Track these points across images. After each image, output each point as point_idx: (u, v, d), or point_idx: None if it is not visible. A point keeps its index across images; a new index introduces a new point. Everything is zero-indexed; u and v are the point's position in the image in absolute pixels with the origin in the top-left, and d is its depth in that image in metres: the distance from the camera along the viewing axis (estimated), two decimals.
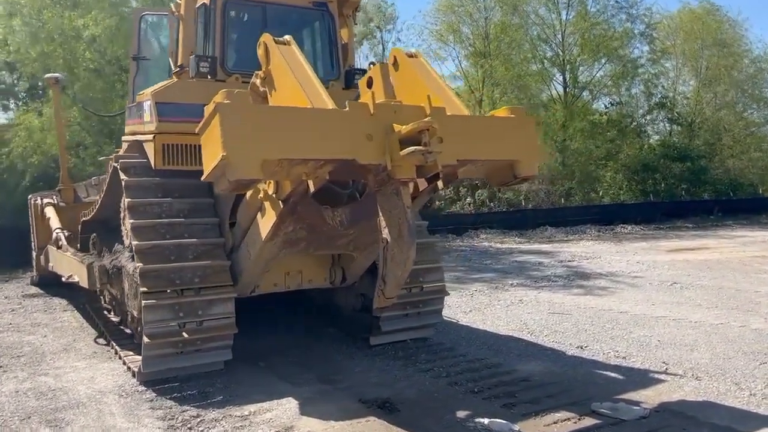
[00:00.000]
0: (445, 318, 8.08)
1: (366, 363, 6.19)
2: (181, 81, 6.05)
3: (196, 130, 4.02)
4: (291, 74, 4.65)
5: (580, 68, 28.93)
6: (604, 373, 5.79)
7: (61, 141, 10.37)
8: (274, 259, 5.64)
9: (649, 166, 28.79)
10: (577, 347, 6.65)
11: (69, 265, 7.80)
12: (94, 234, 7.72)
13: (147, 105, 6.00)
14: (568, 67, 28.88)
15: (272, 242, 5.31)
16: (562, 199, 25.32)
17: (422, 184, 5.15)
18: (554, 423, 4.61)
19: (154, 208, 5.86)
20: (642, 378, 5.59)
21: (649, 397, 5.07)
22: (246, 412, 4.91)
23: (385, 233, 4.37)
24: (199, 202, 6.05)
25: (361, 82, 5.45)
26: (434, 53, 27.25)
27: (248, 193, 5.36)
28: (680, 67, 32.06)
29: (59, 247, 8.47)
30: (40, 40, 14.73)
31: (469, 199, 26.99)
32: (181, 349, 5.54)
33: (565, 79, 29.19)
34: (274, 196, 4.87)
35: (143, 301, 5.36)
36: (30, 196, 10.52)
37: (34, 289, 10.63)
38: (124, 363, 6.09)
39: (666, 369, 5.81)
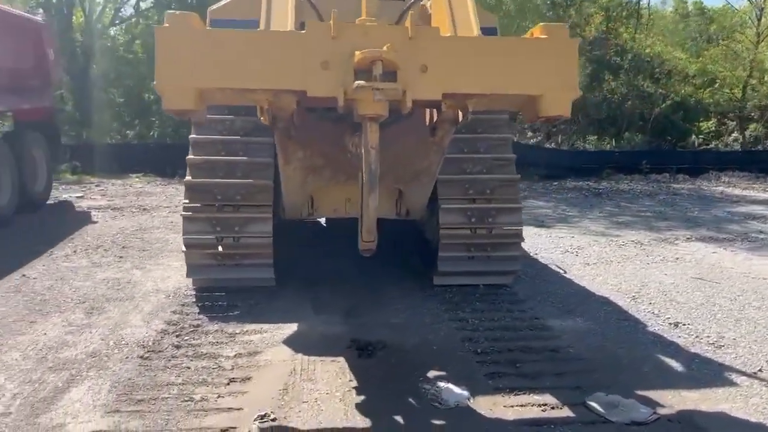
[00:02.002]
0: (553, 267, 7.16)
1: (413, 302, 5.76)
2: None
3: None
4: None
5: None
6: (666, 360, 4.55)
7: None
8: (305, 185, 5.46)
9: None
10: (672, 323, 5.31)
11: None
12: None
13: (207, 22, 6.13)
14: None
15: (289, 167, 5.12)
16: None
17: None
18: (519, 405, 3.80)
19: (216, 125, 6.06)
20: (708, 376, 4.26)
21: (683, 401, 3.86)
22: (238, 331, 4.98)
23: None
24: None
25: None
26: None
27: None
28: None
29: None
30: None
31: (735, 135, 22.83)
32: (221, 262, 5.80)
33: None
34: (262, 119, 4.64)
35: (182, 212, 5.70)
36: None
37: None
38: None
39: (759, 371, 4.34)
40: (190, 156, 5.91)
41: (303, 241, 7.76)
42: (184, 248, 5.72)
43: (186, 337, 4.84)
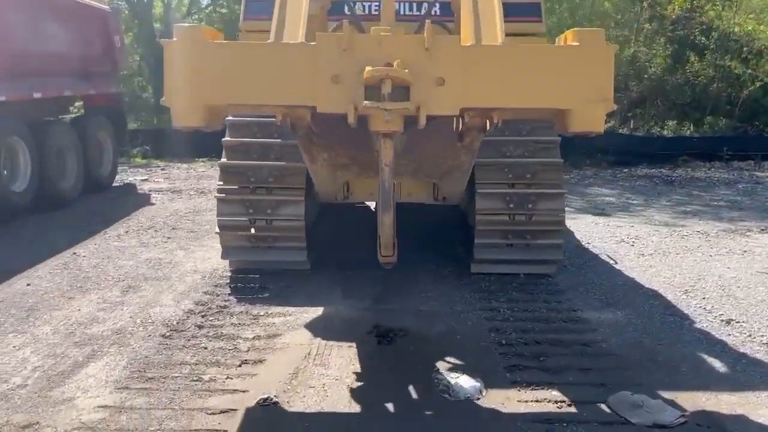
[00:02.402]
0: (604, 257, 6.78)
1: (447, 290, 5.58)
2: None
3: None
4: None
5: None
6: (709, 360, 4.18)
7: None
8: (336, 178, 5.37)
9: None
10: (725, 320, 4.89)
11: None
12: None
13: (243, 2, 6.12)
14: None
15: (316, 165, 5.00)
16: None
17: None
18: (534, 401, 3.58)
19: None
20: (753, 378, 3.89)
21: (719, 404, 3.53)
22: (263, 313, 4.98)
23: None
24: None
25: None
26: None
27: None
28: None
29: None
30: None
31: None
32: (255, 244, 5.81)
33: None
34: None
35: (216, 194, 5.74)
36: None
37: None
38: None
39: None
40: (226, 138, 5.93)
41: (348, 225, 7.70)
42: (217, 230, 5.78)
43: (211, 318, 4.88)
